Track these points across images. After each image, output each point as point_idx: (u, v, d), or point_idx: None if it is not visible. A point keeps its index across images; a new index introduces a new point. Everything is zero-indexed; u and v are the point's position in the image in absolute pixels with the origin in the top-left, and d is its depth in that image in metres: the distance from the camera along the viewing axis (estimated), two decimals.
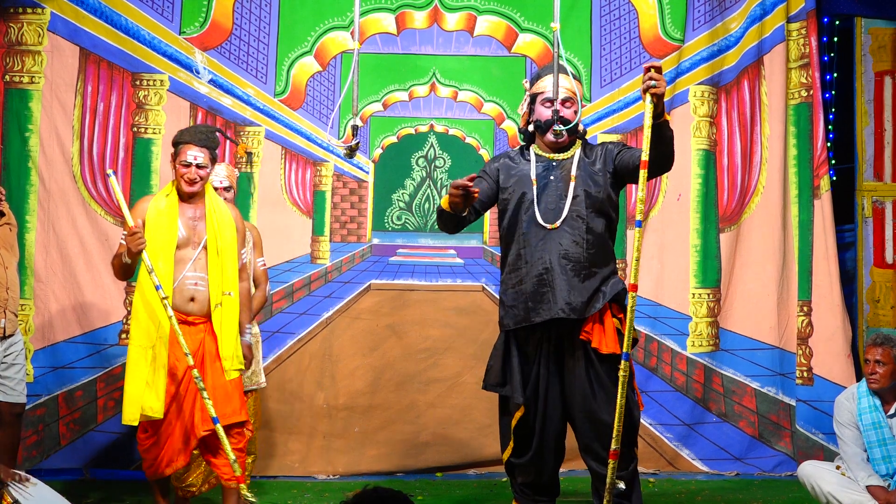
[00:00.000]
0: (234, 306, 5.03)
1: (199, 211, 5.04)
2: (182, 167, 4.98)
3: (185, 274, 4.93)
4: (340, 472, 6.60)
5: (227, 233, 5.07)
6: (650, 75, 4.25)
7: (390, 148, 7.01)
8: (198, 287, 4.95)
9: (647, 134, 4.29)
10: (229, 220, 5.10)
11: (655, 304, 6.85)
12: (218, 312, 4.94)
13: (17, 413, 5.50)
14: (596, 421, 4.53)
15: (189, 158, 4.97)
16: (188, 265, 4.94)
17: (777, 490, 6.23)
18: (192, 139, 5.03)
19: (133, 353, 4.85)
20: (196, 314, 4.94)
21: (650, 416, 6.80)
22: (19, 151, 6.49)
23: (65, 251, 6.46)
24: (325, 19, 6.89)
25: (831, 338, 6.79)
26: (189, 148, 4.99)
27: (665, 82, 4.30)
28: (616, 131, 6.98)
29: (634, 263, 4.27)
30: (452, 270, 6.96)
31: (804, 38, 6.93)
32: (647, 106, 4.27)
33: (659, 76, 4.25)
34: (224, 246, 5.02)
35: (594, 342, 4.50)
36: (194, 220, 5.01)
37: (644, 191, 4.31)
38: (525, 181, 4.61)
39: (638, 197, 4.27)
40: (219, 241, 5.00)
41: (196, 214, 5.02)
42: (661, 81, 4.26)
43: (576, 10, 6.97)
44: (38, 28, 6.54)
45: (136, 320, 4.88)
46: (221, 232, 5.03)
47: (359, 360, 6.78)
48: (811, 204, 6.86)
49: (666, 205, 6.95)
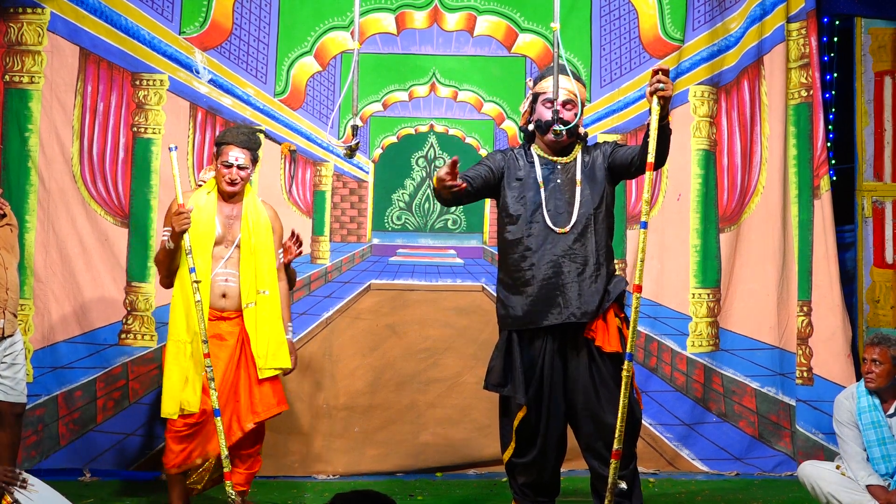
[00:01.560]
0: (271, 305, 5.15)
1: (236, 210, 5.19)
2: (223, 167, 5.07)
3: (217, 270, 5.04)
4: (340, 472, 6.60)
5: (263, 233, 5.20)
6: (658, 78, 4.29)
7: (390, 148, 7.01)
8: (228, 283, 5.09)
9: (653, 136, 4.32)
10: (266, 222, 5.23)
11: (655, 304, 6.84)
12: (251, 311, 5.04)
13: (17, 413, 5.49)
14: (598, 421, 4.54)
15: (230, 159, 5.10)
16: (221, 262, 5.05)
17: (777, 490, 6.23)
18: (234, 140, 5.14)
19: (171, 347, 5.02)
20: (229, 310, 5.10)
21: (650, 416, 6.80)
22: (19, 151, 6.48)
23: (64, 251, 6.46)
24: (325, 19, 6.89)
25: (831, 338, 6.79)
26: (231, 149, 5.13)
27: (672, 86, 4.32)
28: (616, 131, 6.98)
29: (639, 265, 4.30)
30: (452, 270, 6.95)
31: (804, 38, 6.93)
32: (654, 108, 4.31)
33: (667, 79, 4.29)
34: (258, 246, 5.14)
35: (598, 340, 4.52)
36: (231, 219, 5.16)
37: (649, 192, 4.34)
38: (530, 183, 4.63)
39: (644, 199, 4.31)
40: (253, 240, 5.11)
41: (233, 213, 5.17)
42: (669, 85, 4.29)
43: (576, 10, 6.97)
44: (37, 28, 6.53)
45: (175, 316, 5.03)
46: (256, 232, 5.16)
47: (359, 360, 6.78)
48: (811, 204, 6.86)
49: (666, 205, 6.95)
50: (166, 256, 5.06)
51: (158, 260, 5.16)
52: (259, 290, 5.11)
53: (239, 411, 5.07)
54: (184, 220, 4.91)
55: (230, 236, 5.11)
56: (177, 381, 4.98)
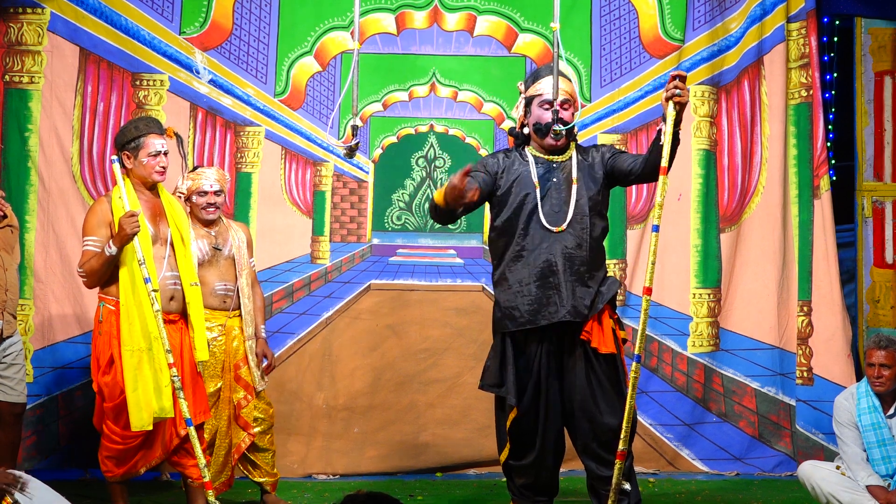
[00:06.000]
0: (200, 296, 5.07)
1: (158, 205, 5.04)
2: (151, 158, 4.92)
3: (164, 273, 4.93)
4: (340, 473, 6.60)
5: (184, 223, 5.08)
6: (676, 84, 4.28)
7: (390, 148, 7.01)
8: (176, 286, 4.97)
9: (667, 141, 4.32)
10: (180, 209, 5.12)
11: (656, 304, 6.83)
12: (192, 306, 4.98)
13: (17, 413, 5.50)
14: (594, 422, 4.55)
15: (158, 147, 4.94)
16: (164, 264, 4.94)
17: (777, 490, 6.23)
18: (153, 129, 4.98)
19: (132, 357, 4.80)
20: (175, 312, 4.98)
21: (650, 416, 6.80)
22: (19, 151, 6.48)
23: (64, 251, 6.45)
24: (325, 19, 6.89)
25: (831, 338, 6.79)
26: (154, 137, 4.95)
27: (688, 92, 4.32)
28: (616, 131, 6.98)
29: (650, 267, 4.31)
30: (452, 270, 6.95)
31: (804, 38, 6.93)
32: (670, 114, 4.31)
33: (683, 86, 4.28)
34: (186, 237, 5.03)
35: (594, 342, 4.52)
36: (156, 216, 5.00)
37: (662, 196, 4.33)
38: (527, 182, 4.61)
39: (657, 202, 4.32)
40: (182, 231, 5.01)
41: (157, 209, 5.01)
42: (686, 91, 4.29)
43: (576, 10, 6.96)
44: (37, 28, 6.53)
45: (129, 323, 4.81)
46: (181, 223, 5.04)
47: (358, 360, 6.78)
48: (811, 204, 6.86)
49: (666, 205, 6.87)
50: (104, 264, 4.81)
51: (92, 269, 4.84)
52: (191, 282, 5.02)
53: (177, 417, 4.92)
54: (135, 223, 4.72)
55: (161, 234, 4.96)
56: (148, 390, 4.78)
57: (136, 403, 4.78)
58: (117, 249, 4.77)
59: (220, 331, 5.42)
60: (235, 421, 5.45)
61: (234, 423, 5.46)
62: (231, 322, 5.47)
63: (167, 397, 4.81)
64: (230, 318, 5.47)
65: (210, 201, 5.46)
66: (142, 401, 4.78)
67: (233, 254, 5.50)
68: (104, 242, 4.81)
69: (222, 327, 5.43)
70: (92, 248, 4.86)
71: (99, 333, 4.92)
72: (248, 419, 5.43)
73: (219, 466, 5.44)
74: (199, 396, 5.03)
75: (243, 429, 5.44)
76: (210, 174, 5.49)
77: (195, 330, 5.01)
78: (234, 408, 5.44)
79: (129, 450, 4.91)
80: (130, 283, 4.83)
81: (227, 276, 5.48)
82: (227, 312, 5.46)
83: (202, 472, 4.83)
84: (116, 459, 4.93)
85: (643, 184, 5.83)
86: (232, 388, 5.45)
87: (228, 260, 5.49)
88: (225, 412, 5.45)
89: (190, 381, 4.97)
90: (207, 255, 5.42)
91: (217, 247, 5.47)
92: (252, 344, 5.48)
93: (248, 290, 5.51)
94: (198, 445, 4.81)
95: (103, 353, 4.89)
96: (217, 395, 5.43)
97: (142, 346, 4.81)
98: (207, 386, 5.32)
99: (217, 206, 5.49)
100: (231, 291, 5.48)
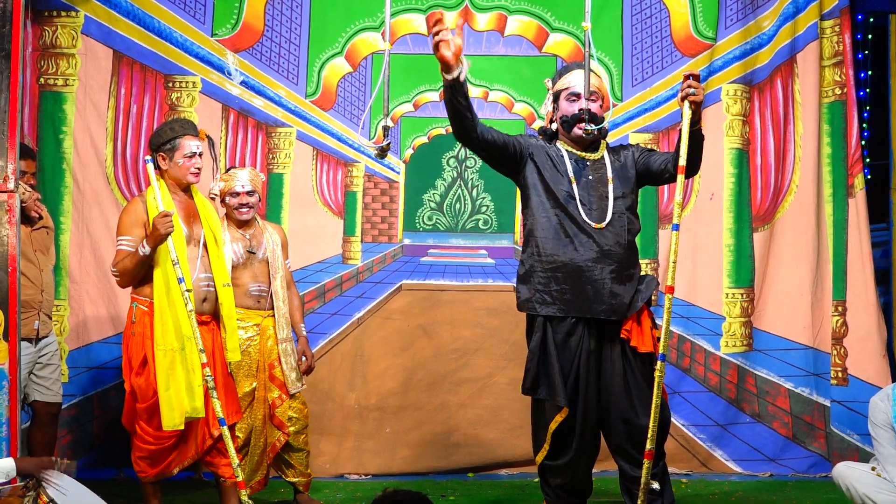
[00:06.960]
0: (232, 297, 5.10)
1: (192, 206, 5.07)
2: (186, 160, 4.97)
3: (197, 275, 4.95)
4: (372, 473, 6.61)
5: (216, 224, 5.11)
6: (689, 83, 4.31)
7: (421, 148, 7.02)
8: (209, 288, 4.99)
9: (684, 140, 4.34)
10: (213, 210, 5.15)
11: (688, 304, 6.81)
12: (224, 307, 5.01)
13: (53, 413, 5.55)
14: (629, 422, 4.54)
15: (193, 149, 4.99)
16: (197, 265, 4.97)
17: (811, 491, 6.18)
18: (188, 130, 5.02)
19: (165, 357, 4.84)
20: (207, 313, 5.01)
21: (683, 416, 6.76)
22: (54, 154, 6.53)
23: (98, 252, 6.50)
24: (356, 20, 6.90)
25: (866, 338, 6.73)
26: (189, 139, 5.00)
27: (703, 91, 4.33)
28: (647, 130, 6.94)
29: (671, 266, 4.30)
30: (483, 270, 6.95)
31: (838, 36, 6.87)
32: (686, 113, 4.34)
33: (698, 84, 4.31)
34: (219, 238, 5.06)
35: (633, 341, 4.51)
36: (190, 217, 5.03)
37: (681, 195, 4.33)
38: (561, 174, 4.60)
39: (676, 201, 4.32)
40: (215, 232, 5.03)
41: (191, 210, 5.05)
42: (700, 90, 4.29)
43: (606, 10, 6.94)
44: (71, 31, 6.58)
45: (162, 324, 4.85)
46: (214, 225, 5.07)
47: (390, 360, 6.79)
48: (845, 203, 6.80)
49: (699, 204, 6.91)
50: (137, 264, 4.85)
51: (126, 269, 4.89)
52: (224, 283, 5.05)
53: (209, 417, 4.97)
54: (169, 224, 4.75)
55: (195, 235, 5.00)
56: (180, 390, 4.82)
57: (168, 403, 4.82)
58: (151, 249, 4.80)
59: (255, 330, 5.45)
60: (270, 420, 5.48)
61: (269, 423, 5.48)
62: (266, 322, 5.50)
63: (199, 397, 4.85)
64: (265, 318, 5.50)
65: (243, 202, 5.49)
66: (174, 400, 4.82)
67: (267, 256, 5.53)
68: (138, 242, 4.84)
69: (257, 327, 5.46)
70: (126, 247, 4.89)
71: (132, 334, 4.95)
72: (282, 418, 5.45)
73: (254, 465, 5.47)
74: (230, 397, 5.07)
75: (278, 428, 5.46)
76: (242, 175, 5.52)
77: (227, 331, 5.05)
78: (270, 407, 5.47)
79: (163, 450, 4.94)
80: (164, 284, 4.86)
81: (262, 278, 5.50)
82: (261, 312, 5.49)
83: (235, 471, 4.86)
84: (150, 460, 4.96)
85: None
86: (267, 388, 5.48)
87: (263, 262, 5.52)
88: (260, 411, 5.48)
89: (222, 381, 5.00)
90: (242, 259, 5.45)
91: (251, 250, 5.49)
92: (286, 346, 5.50)
93: (282, 292, 5.53)
94: (231, 445, 4.85)
95: (136, 353, 4.92)
96: (252, 395, 5.46)
97: (175, 346, 4.84)
98: (242, 385, 5.35)
99: (250, 207, 5.52)
100: (265, 293, 5.51)
